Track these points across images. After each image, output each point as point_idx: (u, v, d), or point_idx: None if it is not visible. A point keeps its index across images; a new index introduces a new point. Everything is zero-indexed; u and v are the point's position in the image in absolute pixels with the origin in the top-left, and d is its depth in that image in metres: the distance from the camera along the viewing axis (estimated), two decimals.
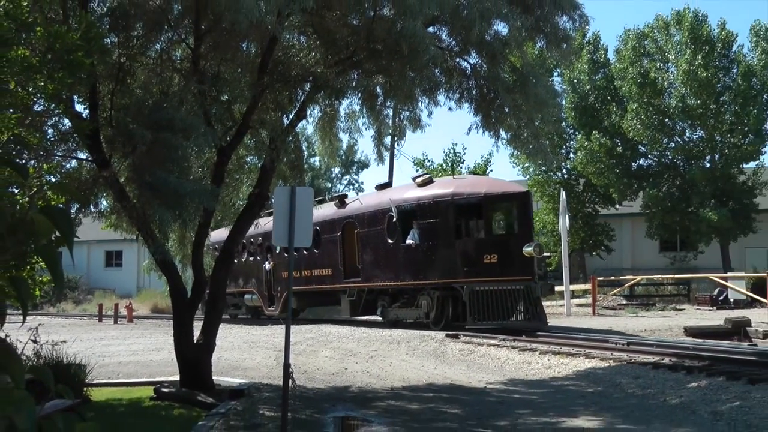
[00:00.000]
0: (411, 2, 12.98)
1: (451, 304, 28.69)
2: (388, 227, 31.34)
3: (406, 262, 30.55)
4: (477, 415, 14.62)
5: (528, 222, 29.51)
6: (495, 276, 27.64)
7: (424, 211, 30.03)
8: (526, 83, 16.50)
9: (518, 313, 27.35)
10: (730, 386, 15.33)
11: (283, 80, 16.18)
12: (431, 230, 29.68)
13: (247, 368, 21.06)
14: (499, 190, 29.81)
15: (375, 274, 32.38)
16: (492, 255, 28.03)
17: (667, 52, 51.62)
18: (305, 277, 37.43)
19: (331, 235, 35.68)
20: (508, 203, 30.62)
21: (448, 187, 30.19)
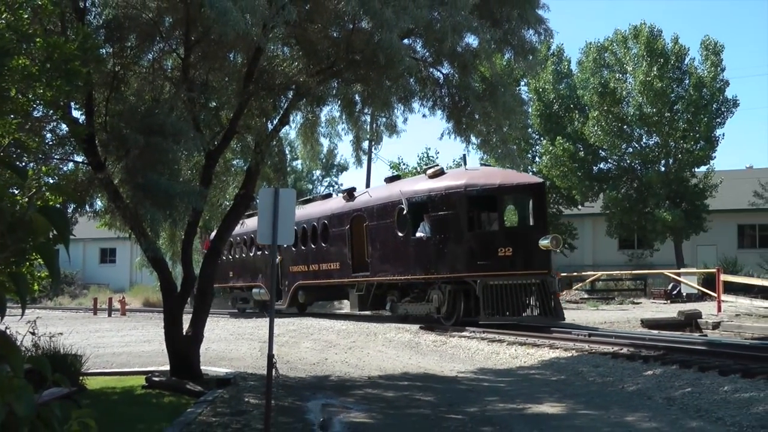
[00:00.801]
0: (387, 16, 12.96)
1: (463, 298, 26.54)
2: (398, 220, 29.27)
3: (416, 256, 28.44)
4: (448, 402, 14.61)
5: (543, 214, 27.56)
6: (509, 270, 25.65)
7: (435, 203, 27.80)
8: (495, 92, 16.54)
9: (533, 308, 25.53)
10: (682, 374, 15.49)
11: (268, 88, 16.15)
12: (443, 223, 27.49)
13: (233, 359, 21.02)
14: (514, 181, 27.19)
15: (384, 268, 30.37)
16: (506, 248, 25.92)
17: (625, 64, 51.82)
18: (313, 271, 35.96)
19: (339, 229, 33.60)
20: (522, 195, 28.24)
21: (460, 179, 27.78)
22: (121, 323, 36.74)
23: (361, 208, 32.01)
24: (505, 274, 25.34)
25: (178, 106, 14.29)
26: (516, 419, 12.93)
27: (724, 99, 49.67)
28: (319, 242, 35.01)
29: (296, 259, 37.49)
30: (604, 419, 12.65)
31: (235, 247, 43.67)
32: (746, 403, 12.63)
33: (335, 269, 33.67)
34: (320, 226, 35.26)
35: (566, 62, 56.72)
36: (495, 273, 25.38)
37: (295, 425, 12.66)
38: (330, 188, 60.58)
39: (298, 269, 37.30)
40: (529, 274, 25.53)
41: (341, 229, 33.25)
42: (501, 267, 25.57)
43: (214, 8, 11.75)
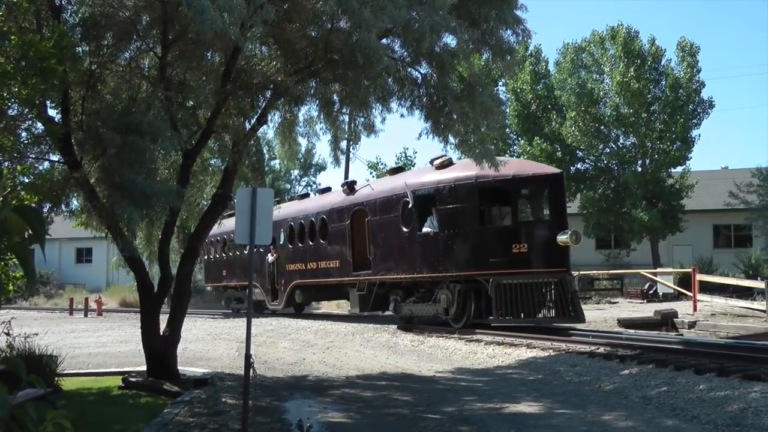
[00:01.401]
0: (366, 16, 12.95)
1: (473, 298, 24.63)
2: (403, 214, 27.14)
3: (423, 253, 26.25)
4: (426, 402, 14.63)
5: (561, 207, 25.13)
6: (525, 267, 23.73)
7: (444, 195, 25.59)
8: (473, 92, 16.53)
9: (551, 309, 23.55)
10: (658, 373, 15.63)
11: (246, 88, 16.11)
12: (452, 217, 25.39)
13: (210, 359, 21.00)
14: (529, 172, 25.43)
15: (388, 266, 28.04)
16: (521, 244, 23.87)
17: (603, 64, 52.11)
18: (311, 269, 33.72)
19: (339, 225, 31.32)
20: (539, 186, 25.88)
21: (471, 170, 24.42)
22: (98, 323, 36.62)
23: (363, 202, 29.80)
24: (519, 272, 23.65)
25: (155, 105, 14.25)
26: (493, 418, 12.94)
27: (700, 100, 50.07)
28: (318, 239, 33.07)
29: (293, 256, 35.70)
30: (581, 418, 12.69)
31: (228, 246, 42.33)
32: (721, 401, 12.73)
33: (335, 267, 31.69)
34: (318, 221, 33.29)
35: (544, 63, 56.93)
36: (509, 271, 23.69)
37: (272, 425, 12.62)
38: (308, 188, 60.46)
39: (295, 267, 35.30)
40: (546, 272, 23.86)
41: (341, 225, 31.21)
42: (515, 264, 23.76)
43: (191, 7, 11.70)
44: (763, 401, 12.30)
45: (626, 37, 51.42)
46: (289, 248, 35.59)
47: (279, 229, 35.25)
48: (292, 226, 35.77)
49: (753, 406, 12.09)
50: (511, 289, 23.01)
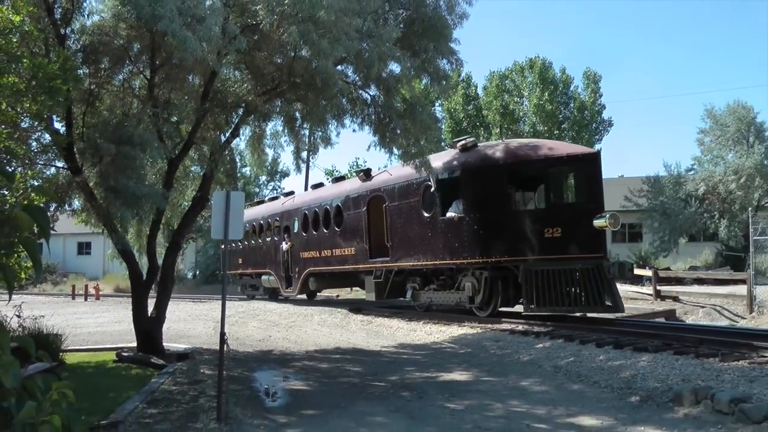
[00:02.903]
0: (324, 46, 12.94)
1: (501, 286, 20.84)
2: (425, 199, 22.97)
3: (446, 238, 21.93)
4: (374, 372, 14.63)
5: (598, 189, 20.21)
6: (558, 253, 19.52)
7: (470, 178, 21.41)
8: (414, 111, 16.57)
9: (587, 297, 19.03)
10: (566, 346, 15.77)
11: (221, 106, 16.06)
12: (479, 200, 21.16)
13: (190, 336, 20.85)
14: (563, 152, 20.86)
15: (407, 252, 23.76)
16: (555, 228, 19.66)
17: (522, 89, 52.79)
18: (324, 257, 29.37)
19: (355, 211, 26.93)
20: (574, 167, 21.13)
21: (499, 151, 21.54)
22: (96, 307, 36.22)
23: (380, 188, 25.46)
24: (552, 258, 19.54)
25: (144, 120, 14.13)
26: (430, 385, 12.98)
27: (601, 120, 50.91)
28: (332, 227, 28.66)
29: (307, 244, 31.08)
30: (503, 384, 12.78)
31: (244, 234, 36.82)
32: (617, 369, 12.93)
33: (350, 255, 27.43)
34: (333, 209, 28.85)
35: (473, 87, 57.28)
36: (541, 257, 19.72)
37: (243, 392, 12.62)
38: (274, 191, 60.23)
39: (309, 255, 30.66)
40: (582, 258, 19.41)
41: (357, 212, 26.84)
42: (548, 250, 19.69)
43: (175, 37, 11.67)
44: (649, 368, 12.52)
45: (542, 67, 52.17)
46: (303, 236, 31.39)
47: (293, 217, 32.71)
48: (306, 214, 31.45)
49: (641, 373, 12.33)
50: (543, 277, 19.15)
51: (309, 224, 30.69)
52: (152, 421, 10.26)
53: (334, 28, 13.11)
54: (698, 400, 10.21)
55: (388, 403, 11.60)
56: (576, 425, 9.76)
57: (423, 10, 16.39)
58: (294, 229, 32.33)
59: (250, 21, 13.84)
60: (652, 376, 11.97)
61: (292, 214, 32.59)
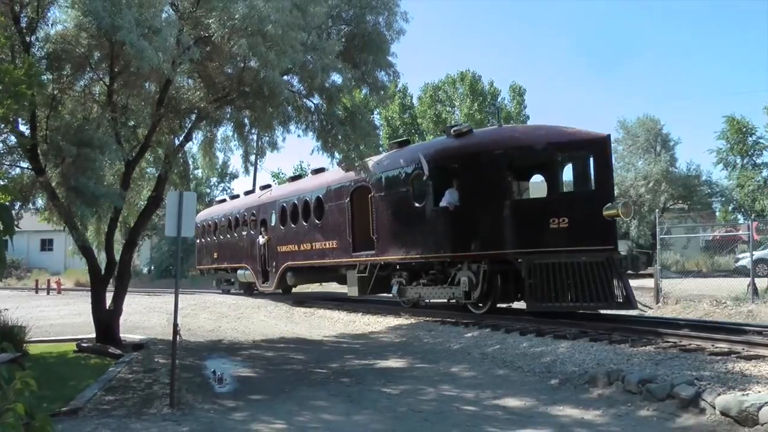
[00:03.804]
0: (271, 57, 12.92)
1: (500, 280, 18.34)
2: (416, 188, 20.20)
3: (440, 230, 19.32)
4: (316, 360, 14.62)
5: (608, 176, 17.43)
6: (564, 245, 16.84)
7: (467, 165, 18.75)
8: (354, 119, 16.64)
9: (596, 292, 16.28)
10: (493, 335, 15.85)
11: (175, 112, 15.96)
12: (477, 189, 18.43)
13: (146, 327, 20.64)
14: (569, 137, 17.99)
15: (395, 245, 20.90)
16: (561, 218, 16.99)
17: (454, 100, 53.07)
18: (304, 251, 26.15)
19: (338, 203, 23.86)
20: (581, 153, 18.37)
21: (499, 136, 19.29)
22: (58, 300, 35.53)
23: (366, 178, 21.89)
24: (558, 250, 16.92)
25: (103, 124, 13.94)
26: (368, 372, 13.02)
27: None
28: (313, 219, 25.50)
29: (285, 238, 27.83)
30: (435, 370, 12.85)
31: (219, 229, 35.46)
32: (538, 355, 13.11)
33: (331, 248, 24.30)
34: (313, 201, 25.63)
35: (409, 97, 57.70)
36: (546, 249, 17.11)
37: (194, 379, 12.56)
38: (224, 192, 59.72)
39: (287, 249, 27.47)
40: (590, 250, 16.72)
41: (340, 203, 23.76)
42: (553, 241, 17.07)
43: (133, 47, 11.57)
44: (567, 354, 12.70)
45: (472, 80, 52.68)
46: (281, 229, 28.11)
47: (270, 210, 29.29)
48: (284, 207, 28.17)
49: (560, 358, 12.51)
50: (548, 270, 16.72)
51: (287, 217, 27.72)
52: (110, 407, 10.15)
53: (281, 41, 13.09)
54: (611, 381, 10.45)
55: (329, 388, 11.61)
56: (501, 406, 9.87)
57: (363, 26, 16.46)
58: (271, 223, 29.21)
59: (203, 33, 13.76)
60: (570, 360, 12.15)
61: (269, 207, 29.56)
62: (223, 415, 9.80)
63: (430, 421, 9.13)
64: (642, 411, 9.25)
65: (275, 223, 28.62)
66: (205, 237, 37.58)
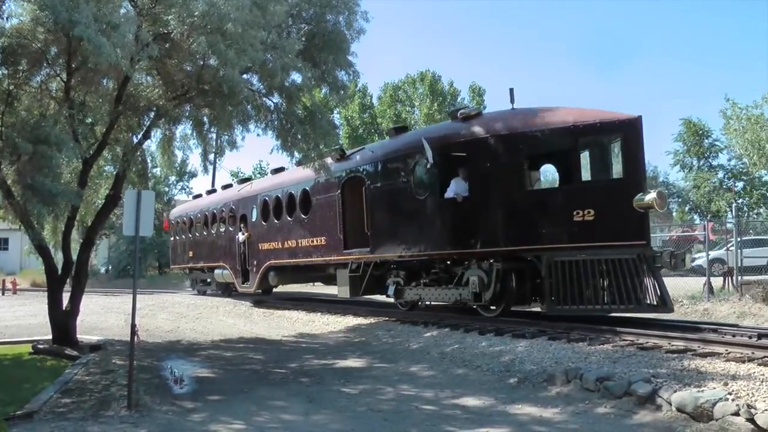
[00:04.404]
0: (230, 56, 12.82)
1: (515, 279, 16.47)
2: (417, 178, 18.22)
3: (446, 224, 17.43)
4: (275, 360, 14.60)
5: (639, 162, 15.39)
6: (591, 240, 14.96)
7: (477, 151, 16.60)
8: (314, 118, 16.58)
9: (627, 294, 14.43)
10: (452, 334, 15.87)
11: (134, 109, 15.77)
12: (490, 178, 16.48)
13: (103, 328, 20.47)
14: (596, 119, 15.68)
15: (393, 241, 18.85)
16: (586, 210, 15.05)
17: (414, 100, 53.16)
18: (288, 248, 23.97)
19: (326, 196, 21.77)
20: (609, 137, 16.11)
21: (513, 119, 16.74)
22: (13, 300, 35.09)
23: (359, 168, 20.40)
24: (583, 246, 15.04)
25: (60, 121, 13.74)
26: (327, 371, 13.02)
27: None
28: (298, 213, 23.39)
29: (267, 235, 25.66)
30: (395, 370, 12.88)
31: (195, 226, 33.09)
32: (497, 354, 13.14)
33: (319, 246, 22.22)
34: (299, 194, 23.42)
35: (369, 97, 57.67)
36: (568, 245, 15.18)
37: (152, 380, 12.43)
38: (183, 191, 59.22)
39: (270, 247, 25.31)
40: (620, 245, 14.83)
41: (329, 197, 21.68)
42: (577, 236, 15.14)
43: (91, 42, 11.38)
44: (526, 353, 12.76)
45: (432, 80, 52.83)
46: (263, 225, 25.89)
47: (251, 205, 27.13)
48: (266, 201, 25.95)
49: (519, 357, 12.57)
50: (572, 268, 14.89)
51: (270, 212, 25.50)
52: (66, 410, 10.02)
53: (241, 39, 12.99)
54: (569, 379, 10.55)
55: (288, 388, 11.59)
56: (460, 405, 9.91)
57: (323, 25, 16.40)
58: (252, 218, 27.01)
59: (162, 30, 13.59)
60: (529, 359, 12.21)
61: (250, 202, 27.32)
62: (181, 416, 9.72)
63: (390, 421, 9.12)
64: (599, 408, 9.36)
65: (256, 219, 26.67)
66: (180, 235, 35.46)
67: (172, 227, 36.90)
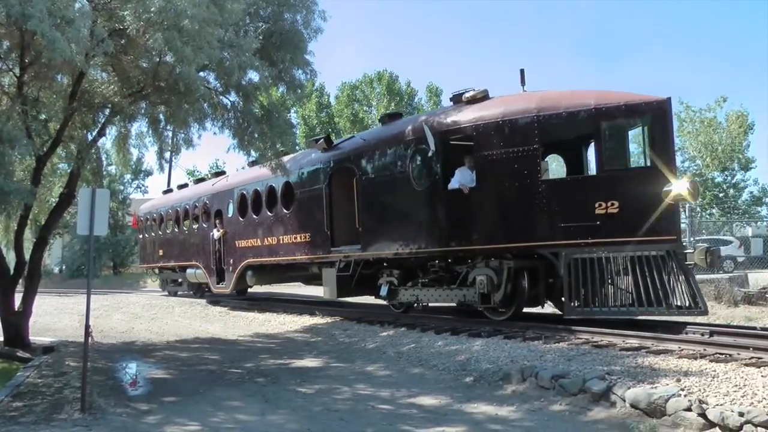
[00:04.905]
0: (187, 53, 12.69)
1: (527, 279, 15.04)
2: (417, 167, 16.53)
3: (450, 218, 15.82)
4: (231, 360, 14.50)
5: (668, 149, 13.84)
6: (615, 235, 13.44)
7: (487, 137, 14.99)
8: (271, 117, 16.56)
9: (655, 295, 12.98)
10: (409, 334, 15.85)
11: (89, 106, 15.58)
12: (499, 167, 14.82)
13: (56, 329, 20.23)
14: (620, 101, 13.96)
15: (388, 237, 17.31)
16: (609, 202, 13.49)
17: (371, 99, 53.14)
18: (268, 245, 22.37)
19: (311, 189, 20.15)
20: (634, 120, 14.57)
21: (526, 101, 14.92)
22: None
23: (349, 157, 18.84)
24: (606, 241, 13.52)
25: (13, 117, 13.48)
26: (283, 371, 12.96)
27: None
28: (279, 209, 21.81)
29: (245, 231, 23.90)
30: (351, 369, 12.85)
31: (166, 223, 31.16)
32: (453, 353, 13.13)
33: (302, 243, 20.60)
34: (281, 187, 21.79)
35: (326, 96, 57.64)
36: (590, 240, 13.65)
37: (107, 382, 12.28)
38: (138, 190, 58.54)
39: (248, 244, 23.63)
40: (648, 241, 13.29)
41: (314, 189, 20.03)
42: (600, 231, 13.58)
43: (45, 37, 11.17)
44: (482, 352, 12.75)
45: (389, 80, 52.94)
46: (240, 221, 24.17)
47: (227, 200, 25.41)
48: (243, 195, 24.20)
49: (475, 356, 12.55)
50: (593, 266, 13.49)
51: (248, 207, 23.81)
52: (17, 414, 9.83)
53: (198, 36, 12.87)
54: (524, 378, 10.61)
55: (243, 388, 11.52)
56: (416, 405, 9.90)
57: (281, 24, 16.35)
58: (228, 214, 25.29)
59: (118, 26, 13.43)
60: (485, 358, 12.23)
61: (226, 197, 25.59)
62: (135, 418, 9.60)
63: (346, 420, 9.10)
64: (555, 406, 9.41)
65: (233, 215, 24.93)
66: (149, 232, 33.41)
67: (140, 224, 34.92)
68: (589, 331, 13.51)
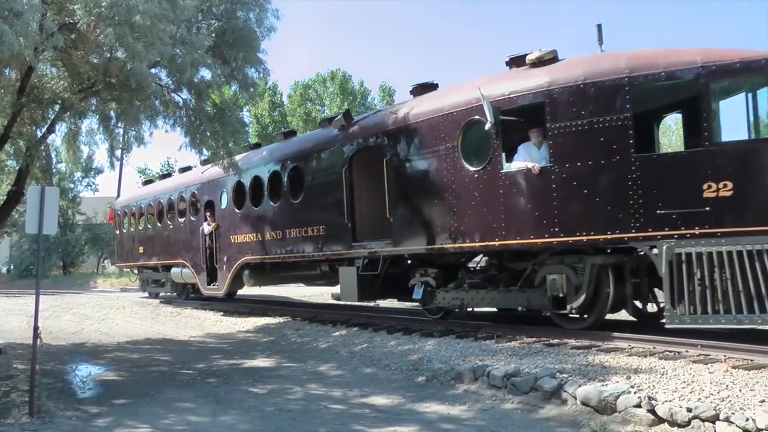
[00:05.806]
0: (138, 49, 12.52)
1: (612, 279, 12.37)
2: (469, 144, 13.69)
3: (513, 204, 12.80)
4: (182, 360, 14.37)
5: None
6: (729, 224, 10.71)
7: (562, 107, 12.17)
8: (223, 115, 16.44)
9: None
10: (361, 334, 15.86)
11: (38, 101, 15.27)
12: (579, 141, 11.96)
13: (3, 331, 19.85)
14: (735, 57, 11.15)
15: (431, 229, 14.34)
16: (721, 182, 10.72)
17: (324, 98, 53.13)
18: (271, 241, 19.41)
19: (328, 174, 17.37)
20: (755, 81, 11.41)
21: (616, 62, 11.91)
22: None
23: (377, 134, 15.91)
24: (718, 231, 10.73)
25: None
26: (235, 372, 12.88)
27: None
28: (286, 198, 18.90)
29: (242, 225, 20.98)
30: (303, 369, 12.82)
31: (147, 217, 28.35)
32: (406, 353, 13.12)
33: (314, 236, 17.71)
34: (287, 173, 18.92)
35: (279, 95, 57.52)
36: (697, 230, 10.89)
37: (56, 385, 12.02)
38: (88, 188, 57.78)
39: (245, 239, 20.64)
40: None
41: (331, 174, 17.16)
42: (710, 220, 10.85)
43: None
44: (434, 352, 12.75)
45: (342, 79, 53.04)
46: (236, 214, 21.20)
47: (220, 189, 22.51)
48: (240, 183, 21.25)
49: (427, 356, 12.55)
50: (701, 263, 10.62)
51: (246, 197, 20.87)
52: None
53: (149, 32, 12.70)
54: (476, 377, 10.64)
55: (195, 389, 11.40)
56: (369, 404, 9.88)
57: (234, 22, 16.21)
58: (221, 205, 22.35)
59: (68, 20, 13.17)
60: (437, 358, 12.24)
61: (218, 186, 22.63)
62: (85, 421, 9.43)
63: (298, 420, 9.05)
64: (507, 404, 9.48)
65: (227, 206, 22.03)
66: (128, 228, 30.32)
67: (117, 219, 31.71)
68: (540, 329, 13.59)
